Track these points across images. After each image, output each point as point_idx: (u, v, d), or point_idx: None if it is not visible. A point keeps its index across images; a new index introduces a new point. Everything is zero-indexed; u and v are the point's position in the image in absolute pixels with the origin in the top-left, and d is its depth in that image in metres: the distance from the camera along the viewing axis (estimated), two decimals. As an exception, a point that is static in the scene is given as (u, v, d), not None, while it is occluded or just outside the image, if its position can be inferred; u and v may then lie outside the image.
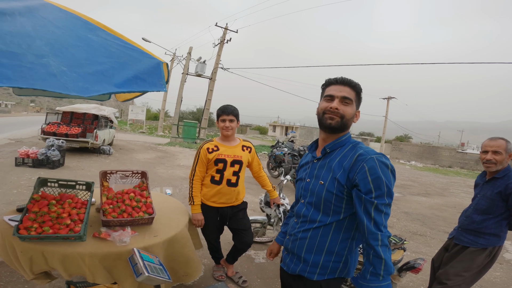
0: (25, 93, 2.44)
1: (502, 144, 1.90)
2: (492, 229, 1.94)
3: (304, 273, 1.16)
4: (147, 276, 1.17)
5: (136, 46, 1.50)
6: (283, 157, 6.88)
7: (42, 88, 0.95)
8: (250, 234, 2.31)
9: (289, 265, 1.23)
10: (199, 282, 2.33)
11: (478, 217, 2.00)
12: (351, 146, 1.11)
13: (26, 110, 52.42)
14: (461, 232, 2.10)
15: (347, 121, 1.11)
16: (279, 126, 50.91)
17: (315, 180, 1.15)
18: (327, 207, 1.11)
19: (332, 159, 1.12)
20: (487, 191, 1.97)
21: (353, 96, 1.11)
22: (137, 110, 23.15)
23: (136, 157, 9.02)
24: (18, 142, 9.39)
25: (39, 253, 1.45)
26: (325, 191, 1.10)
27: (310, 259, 1.15)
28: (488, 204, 1.95)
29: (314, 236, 1.14)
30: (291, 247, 1.22)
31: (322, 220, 1.12)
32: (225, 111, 2.11)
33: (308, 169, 1.22)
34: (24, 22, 1.13)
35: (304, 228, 1.17)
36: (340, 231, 1.12)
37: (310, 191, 1.16)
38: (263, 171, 2.44)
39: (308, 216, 1.16)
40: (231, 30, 16.05)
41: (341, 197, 1.08)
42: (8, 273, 2.18)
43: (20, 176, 5.14)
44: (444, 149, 22.37)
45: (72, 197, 1.80)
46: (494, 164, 1.91)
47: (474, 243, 1.99)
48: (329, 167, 1.12)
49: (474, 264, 1.98)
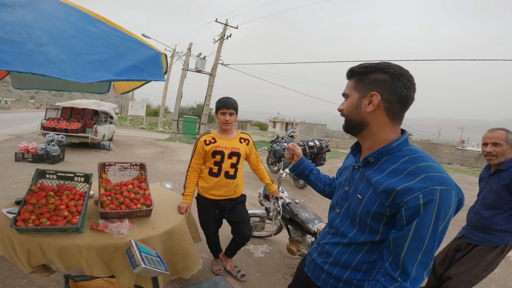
0: (24, 86, 2.44)
1: (501, 135, 1.82)
2: (503, 225, 1.85)
3: (327, 285, 1.03)
4: (143, 268, 1.16)
5: (135, 38, 1.52)
6: (283, 152, 6.87)
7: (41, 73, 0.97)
8: (249, 227, 2.31)
9: (312, 272, 1.10)
10: (198, 275, 2.33)
11: (486, 212, 1.92)
12: (406, 160, 0.83)
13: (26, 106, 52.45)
14: (471, 230, 2.02)
15: (350, 116, 0.91)
16: (279, 122, 50.88)
17: (353, 191, 0.96)
18: (363, 224, 0.91)
19: (375, 172, 0.88)
20: (493, 184, 1.89)
21: (350, 86, 0.92)
22: (137, 106, 23.13)
23: (136, 152, 9.03)
24: (18, 137, 9.39)
25: (36, 245, 1.44)
26: (362, 207, 0.90)
27: (333, 272, 1.00)
28: (495, 198, 1.87)
29: (342, 252, 0.97)
30: (315, 258, 1.09)
31: (354, 237, 0.94)
32: (226, 105, 2.09)
33: (349, 175, 1.02)
34: (24, 13, 1.18)
35: (333, 241, 1.01)
36: (373, 253, 0.91)
37: (348, 201, 0.98)
38: (262, 164, 2.43)
39: (340, 229, 0.99)
40: (231, 26, 15.95)
41: (380, 218, 0.86)
42: (7, 267, 2.18)
43: (20, 171, 5.15)
44: (444, 146, 22.38)
45: (70, 189, 1.79)
46: (495, 156, 1.84)
47: (486, 241, 1.91)
48: (368, 181, 0.89)
49: (484, 261, 1.92)
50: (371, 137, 0.90)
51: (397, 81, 0.83)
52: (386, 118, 0.86)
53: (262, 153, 11.64)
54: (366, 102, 0.86)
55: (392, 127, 0.87)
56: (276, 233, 3.21)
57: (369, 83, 0.86)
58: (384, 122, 0.87)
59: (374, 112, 0.86)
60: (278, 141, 7.76)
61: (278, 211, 2.61)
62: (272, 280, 2.48)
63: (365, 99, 0.86)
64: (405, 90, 0.83)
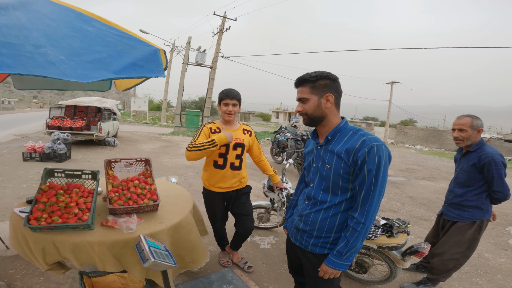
0: (25, 87, 2.45)
1: (467, 121, 2.04)
2: (474, 201, 2.06)
3: (316, 247, 1.29)
4: (153, 262, 1.19)
5: (132, 35, 1.51)
6: (286, 142, 6.86)
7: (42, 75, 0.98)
8: (251, 220, 2.32)
9: (301, 241, 1.36)
10: (206, 268, 2.38)
11: (459, 190, 2.15)
12: (351, 133, 1.21)
13: (29, 106, 52.82)
14: (447, 207, 2.26)
15: (313, 114, 1.23)
16: (282, 112, 50.60)
17: (322, 164, 1.26)
18: (335, 187, 1.22)
19: (335, 145, 1.22)
20: (464, 164, 2.12)
21: (306, 92, 1.22)
22: (139, 102, 23.15)
23: (141, 147, 9.10)
24: (24, 137, 9.51)
25: (50, 243, 1.49)
26: (332, 173, 1.21)
27: (322, 235, 1.27)
28: (466, 177, 2.09)
29: (325, 216, 1.25)
30: (303, 227, 1.33)
31: (331, 200, 1.24)
32: (229, 95, 2.07)
33: (314, 154, 1.32)
34: (19, 15, 1.17)
35: (315, 209, 1.28)
36: (349, 210, 1.22)
37: (318, 174, 1.28)
38: (264, 156, 2.43)
39: (318, 198, 1.27)
40: (230, 18, 15.73)
41: (346, 178, 1.19)
42: (23, 266, 2.24)
43: (28, 171, 5.24)
44: (450, 133, 22.08)
45: (78, 186, 1.83)
46: (461, 140, 2.07)
47: (461, 217, 2.12)
48: (332, 152, 1.22)
49: (465, 239, 2.10)
50: (328, 124, 1.26)
51: (337, 83, 1.23)
52: (335, 109, 1.25)
53: (266, 144, 11.65)
54: (324, 101, 1.21)
55: (337, 115, 1.27)
56: (282, 224, 3.25)
57: (321, 88, 1.20)
58: (334, 112, 1.25)
59: (330, 107, 1.23)
60: (281, 132, 7.75)
61: (283, 202, 2.63)
62: (279, 271, 2.53)
63: (323, 99, 1.21)
64: (340, 88, 1.25)
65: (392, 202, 5.15)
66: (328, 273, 1.23)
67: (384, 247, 2.06)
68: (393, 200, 5.30)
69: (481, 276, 2.71)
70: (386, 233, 2.07)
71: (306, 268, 1.38)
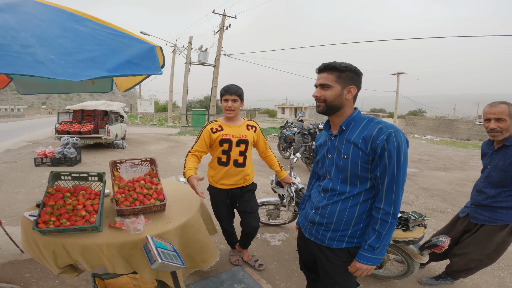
0: (29, 92, 2.46)
1: (504, 109, 1.71)
2: (508, 202, 1.79)
3: (333, 241, 1.26)
4: (161, 263, 1.16)
5: (126, 33, 1.48)
6: (293, 137, 6.78)
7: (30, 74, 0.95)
8: (255, 217, 2.27)
9: (316, 236, 1.32)
10: (216, 267, 2.36)
11: (491, 191, 1.84)
12: (366, 121, 1.20)
13: (39, 112, 54.00)
14: (475, 209, 1.96)
15: (332, 102, 1.21)
16: (288, 107, 50.34)
17: (337, 154, 1.23)
18: (354, 178, 1.19)
19: (350, 134, 1.20)
20: (498, 161, 1.80)
21: (331, 79, 1.19)
22: (145, 104, 23.36)
23: (149, 148, 9.17)
24: (35, 143, 9.71)
25: (60, 246, 1.48)
26: (350, 163, 1.18)
27: (339, 228, 1.24)
28: (501, 176, 1.78)
29: (343, 207, 1.22)
30: (319, 220, 1.29)
31: (350, 191, 1.21)
32: (228, 91, 2.03)
33: (328, 146, 1.30)
34: (6, 17, 1.15)
35: (333, 200, 1.25)
36: (368, 201, 1.20)
37: (335, 165, 1.25)
38: (270, 151, 2.38)
39: (337, 189, 1.24)
40: (230, 16, 15.62)
41: (365, 167, 1.16)
42: (39, 269, 2.26)
43: (40, 176, 5.33)
44: (461, 122, 21.51)
45: (85, 189, 1.83)
46: (499, 132, 1.74)
47: (493, 220, 1.85)
48: (348, 141, 1.20)
49: (494, 242, 1.87)
50: (342, 115, 1.25)
51: (360, 79, 1.23)
52: (352, 102, 1.25)
53: (273, 140, 11.58)
54: (346, 92, 1.20)
55: (353, 107, 1.26)
56: (292, 219, 3.19)
57: (347, 79, 1.20)
58: (351, 105, 1.25)
59: (349, 99, 1.22)
60: (288, 127, 7.66)
61: (292, 197, 2.58)
62: (290, 268, 2.48)
63: (345, 90, 1.20)
64: (361, 84, 1.25)
65: (405, 194, 5.02)
66: (362, 269, 1.19)
67: (400, 242, 1.98)
68: (407, 192, 5.16)
69: (503, 269, 2.61)
70: (401, 226, 1.99)
71: (321, 264, 1.34)
